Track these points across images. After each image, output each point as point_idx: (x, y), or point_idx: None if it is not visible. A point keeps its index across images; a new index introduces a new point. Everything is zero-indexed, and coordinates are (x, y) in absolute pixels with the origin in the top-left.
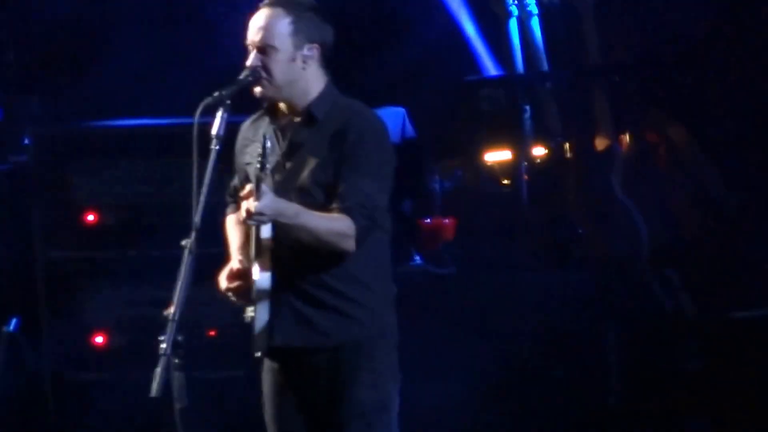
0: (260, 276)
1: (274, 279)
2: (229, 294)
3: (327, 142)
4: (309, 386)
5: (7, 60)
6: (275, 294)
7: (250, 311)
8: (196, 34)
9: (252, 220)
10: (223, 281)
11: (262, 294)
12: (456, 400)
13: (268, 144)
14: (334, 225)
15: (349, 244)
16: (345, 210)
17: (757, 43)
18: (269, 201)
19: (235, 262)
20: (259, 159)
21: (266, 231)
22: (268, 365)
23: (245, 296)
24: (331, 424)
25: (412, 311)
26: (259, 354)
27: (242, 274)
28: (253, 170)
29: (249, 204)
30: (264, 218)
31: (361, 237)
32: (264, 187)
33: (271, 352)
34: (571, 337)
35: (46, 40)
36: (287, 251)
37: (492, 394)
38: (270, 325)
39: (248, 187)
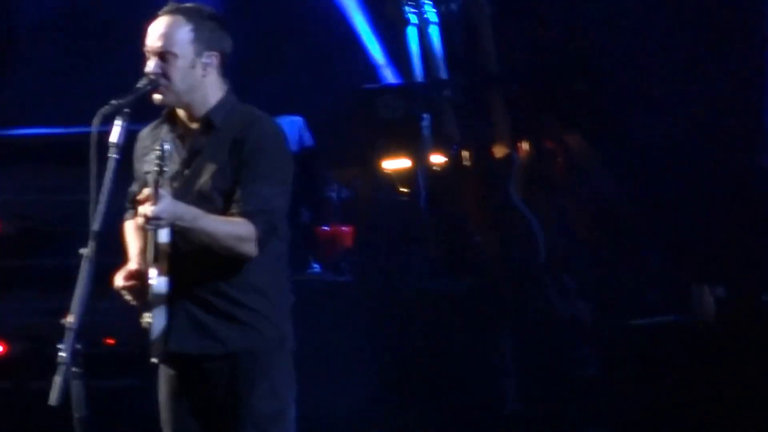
0: (157, 281)
1: (171, 284)
2: (124, 293)
3: (226, 148)
4: (205, 393)
5: None
6: (172, 299)
7: (147, 317)
8: (95, 41)
9: (150, 224)
10: (118, 279)
11: (159, 299)
12: (352, 407)
13: (166, 147)
14: (233, 229)
15: (250, 248)
16: (245, 214)
17: (650, 49)
18: (166, 204)
19: (132, 263)
20: (158, 163)
21: (164, 236)
22: (164, 372)
23: (140, 296)
24: (227, 429)
25: (310, 319)
26: (155, 360)
27: (138, 275)
28: (152, 176)
29: (146, 208)
30: (161, 222)
31: (262, 241)
32: (162, 191)
33: (167, 358)
34: (468, 343)
35: None
36: (185, 257)
37: (388, 400)
38: (166, 331)
39: (145, 192)
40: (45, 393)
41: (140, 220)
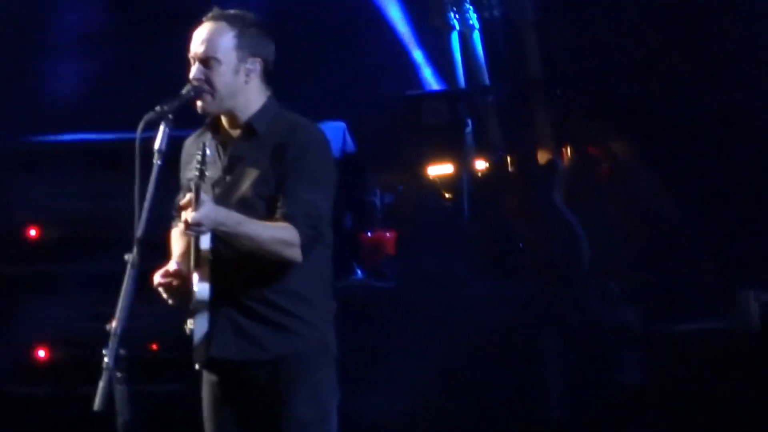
0: (199, 287)
1: (213, 290)
2: (161, 290)
3: (268, 155)
4: (247, 400)
5: None
6: (214, 305)
7: (190, 323)
8: (141, 47)
9: (191, 230)
10: (156, 277)
11: (201, 305)
12: (395, 414)
13: (207, 152)
14: (277, 233)
15: (295, 253)
16: (288, 218)
17: (700, 56)
18: (207, 210)
19: (172, 264)
20: (198, 167)
21: (205, 242)
22: (207, 378)
23: (176, 295)
24: None
25: (353, 325)
26: (197, 366)
27: (176, 274)
28: (193, 181)
29: (187, 214)
30: (202, 228)
31: (306, 246)
32: (204, 196)
33: (210, 365)
34: (511, 349)
35: None
36: (227, 263)
37: (432, 407)
38: (208, 337)
39: (187, 197)
40: (89, 398)
41: (182, 225)
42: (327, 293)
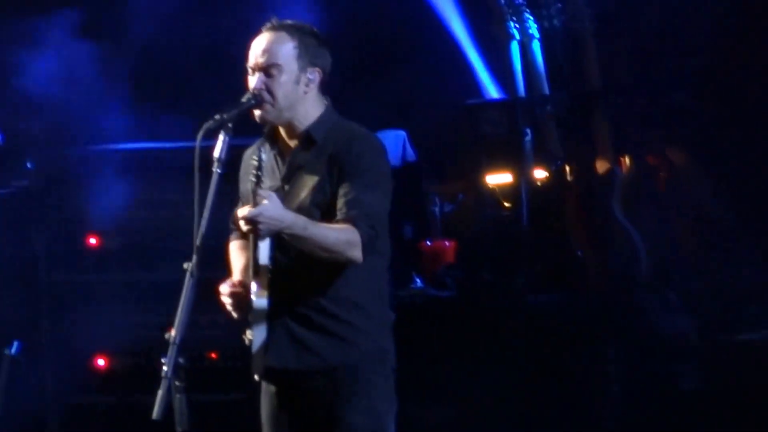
0: (257, 297)
1: (271, 301)
2: (227, 303)
3: (325, 163)
4: (305, 410)
5: (11, 84)
6: (272, 315)
7: (249, 333)
8: (199, 58)
9: (248, 226)
10: (223, 289)
11: (260, 315)
12: (454, 424)
13: (263, 157)
14: (342, 235)
15: (357, 254)
16: (349, 219)
17: (756, 63)
18: (274, 208)
19: (236, 276)
20: (255, 173)
21: (264, 252)
22: (265, 388)
23: (241, 309)
24: None
25: (413, 334)
26: (256, 377)
27: (242, 286)
28: (250, 185)
29: (244, 210)
30: (261, 224)
31: (366, 246)
32: (271, 193)
33: (267, 375)
34: (569, 359)
35: (50, 64)
36: (285, 273)
37: (490, 417)
38: (266, 347)
39: (246, 208)
40: (148, 407)
41: (242, 224)
42: (384, 303)
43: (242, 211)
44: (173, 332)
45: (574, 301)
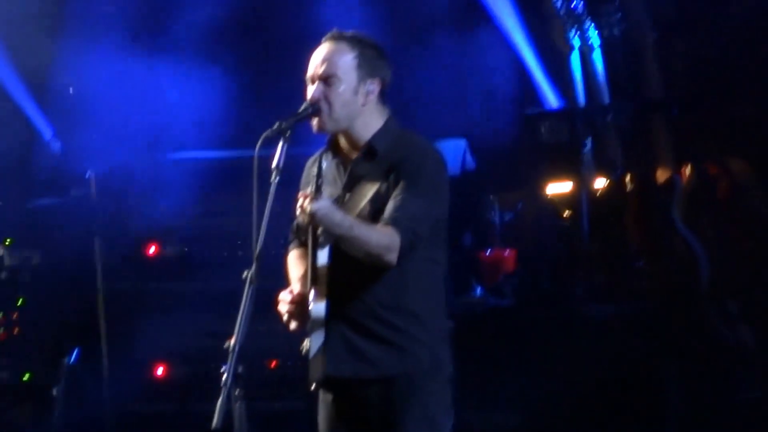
0: (315, 305)
1: (329, 308)
2: (284, 313)
3: (384, 174)
4: (361, 419)
5: (69, 94)
6: (329, 323)
7: (306, 342)
8: (256, 68)
9: (304, 216)
10: (283, 299)
11: (317, 323)
12: (509, 430)
13: (324, 165)
14: (382, 238)
15: (393, 258)
16: (391, 224)
17: None
18: (326, 205)
19: (296, 286)
20: (315, 181)
21: (323, 259)
22: (322, 396)
23: (299, 320)
24: None
25: (472, 342)
26: (313, 385)
27: (301, 298)
28: (310, 189)
29: (303, 201)
30: (316, 215)
31: (404, 251)
32: (325, 197)
33: (324, 383)
34: (629, 368)
35: (108, 74)
36: (343, 281)
37: (549, 426)
38: (323, 355)
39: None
40: (207, 415)
41: (299, 216)
42: (440, 311)
43: (301, 201)
44: (232, 341)
45: (633, 311)
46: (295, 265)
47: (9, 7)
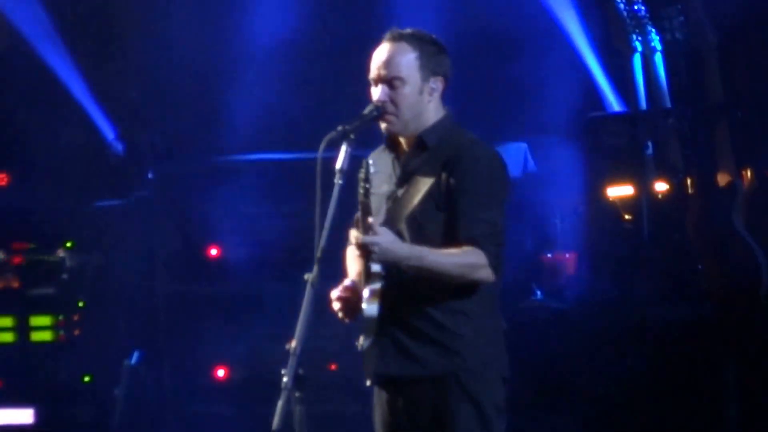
0: (368, 304)
1: (382, 308)
2: (338, 308)
3: (438, 169)
4: (413, 418)
5: (131, 96)
6: (381, 323)
7: (362, 340)
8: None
9: (362, 251)
10: (334, 293)
11: (370, 322)
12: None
13: (372, 169)
14: (462, 259)
15: (486, 274)
16: (472, 242)
17: None
18: (386, 243)
19: (348, 280)
20: (363, 185)
21: (376, 265)
22: (377, 394)
23: (352, 313)
24: None
25: (533, 346)
26: (368, 382)
27: (353, 291)
28: (359, 197)
29: (355, 235)
30: (374, 254)
31: (495, 265)
32: (385, 229)
33: (378, 382)
34: (689, 372)
35: (171, 77)
36: (396, 282)
37: (608, 426)
38: (374, 354)
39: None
40: (267, 418)
41: (353, 243)
42: (493, 312)
43: (357, 237)
44: (293, 343)
45: (693, 314)
46: (353, 261)
47: (73, 9)
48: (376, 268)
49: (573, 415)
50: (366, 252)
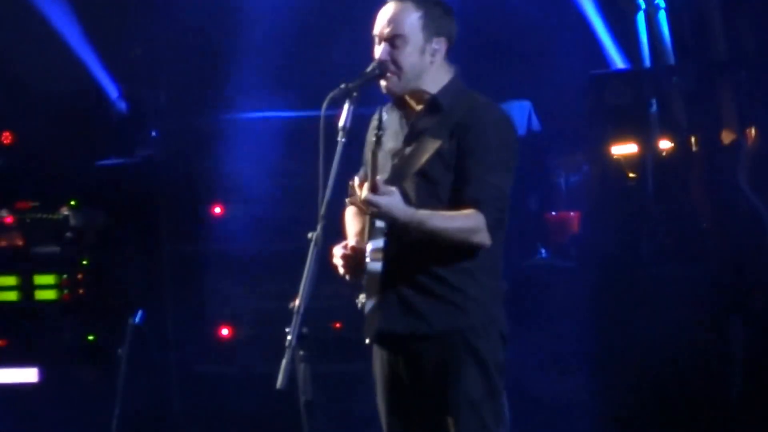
0: (372, 261)
1: (385, 265)
2: (340, 266)
3: (448, 130)
4: (417, 376)
5: (135, 54)
6: (385, 279)
7: (362, 297)
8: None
9: (364, 206)
10: (337, 251)
11: (373, 279)
12: (575, 392)
13: (385, 116)
14: (464, 222)
15: (483, 238)
16: (475, 204)
17: None
18: (392, 203)
19: (351, 240)
20: (376, 133)
21: (380, 221)
22: (377, 353)
23: (354, 271)
24: (440, 411)
25: (537, 303)
26: (367, 340)
27: (356, 251)
28: (369, 147)
29: (364, 191)
30: (375, 213)
31: (493, 229)
32: (394, 189)
33: (379, 339)
34: (694, 330)
35: (174, 35)
36: (400, 239)
37: (613, 385)
38: (377, 310)
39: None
40: (272, 376)
41: (361, 201)
42: (496, 272)
43: (365, 192)
44: (297, 302)
45: (698, 272)
46: (352, 221)
47: None
48: (379, 224)
49: (576, 374)
50: (370, 210)
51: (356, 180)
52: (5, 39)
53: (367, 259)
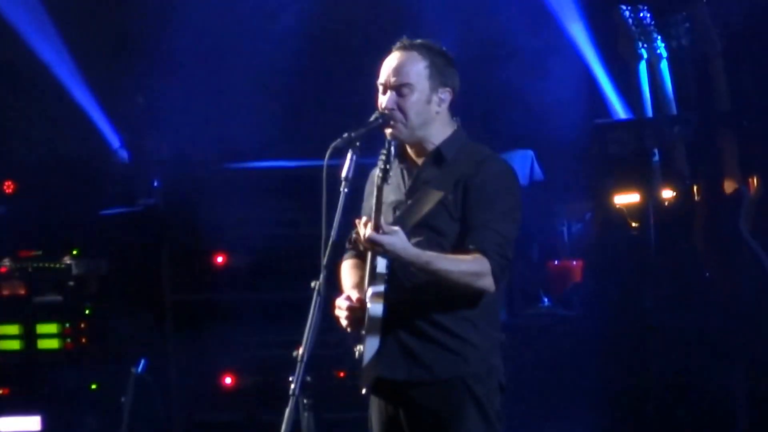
0: (373, 306)
1: (386, 310)
2: (341, 315)
3: (452, 182)
4: (416, 421)
5: (137, 104)
6: (385, 325)
7: (360, 346)
8: (327, 76)
9: (369, 245)
10: (340, 300)
11: (374, 324)
12: None
13: (392, 150)
14: (469, 266)
15: (488, 283)
16: (480, 251)
17: None
18: (397, 242)
19: (353, 293)
20: (382, 168)
21: (381, 266)
22: (375, 402)
23: (355, 324)
24: None
25: (539, 352)
26: (363, 389)
27: (359, 303)
28: (375, 182)
29: (367, 229)
30: (380, 252)
31: (498, 276)
32: (398, 229)
33: (376, 387)
34: (697, 380)
35: (176, 84)
36: (401, 285)
37: None
38: (377, 357)
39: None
40: (275, 425)
41: (361, 239)
42: (496, 322)
43: (368, 231)
44: (301, 350)
45: (701, 322)
46: (349, 273)
47: (79, 19)
48: (380, 269)
49: (579, 423)
50: (372, 248)
51: (363, 219)
52: (6, 88)
53: (368, 304)
